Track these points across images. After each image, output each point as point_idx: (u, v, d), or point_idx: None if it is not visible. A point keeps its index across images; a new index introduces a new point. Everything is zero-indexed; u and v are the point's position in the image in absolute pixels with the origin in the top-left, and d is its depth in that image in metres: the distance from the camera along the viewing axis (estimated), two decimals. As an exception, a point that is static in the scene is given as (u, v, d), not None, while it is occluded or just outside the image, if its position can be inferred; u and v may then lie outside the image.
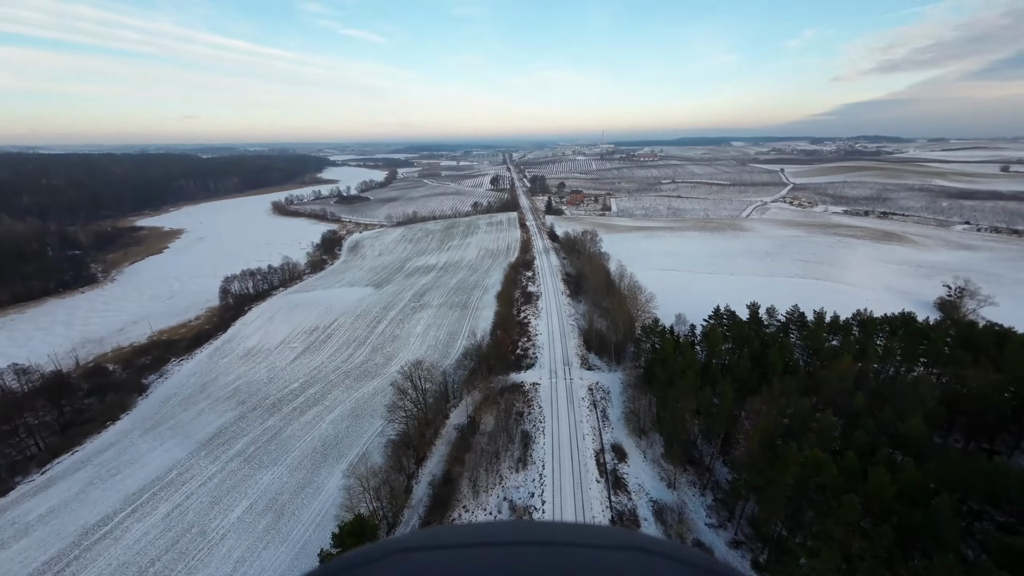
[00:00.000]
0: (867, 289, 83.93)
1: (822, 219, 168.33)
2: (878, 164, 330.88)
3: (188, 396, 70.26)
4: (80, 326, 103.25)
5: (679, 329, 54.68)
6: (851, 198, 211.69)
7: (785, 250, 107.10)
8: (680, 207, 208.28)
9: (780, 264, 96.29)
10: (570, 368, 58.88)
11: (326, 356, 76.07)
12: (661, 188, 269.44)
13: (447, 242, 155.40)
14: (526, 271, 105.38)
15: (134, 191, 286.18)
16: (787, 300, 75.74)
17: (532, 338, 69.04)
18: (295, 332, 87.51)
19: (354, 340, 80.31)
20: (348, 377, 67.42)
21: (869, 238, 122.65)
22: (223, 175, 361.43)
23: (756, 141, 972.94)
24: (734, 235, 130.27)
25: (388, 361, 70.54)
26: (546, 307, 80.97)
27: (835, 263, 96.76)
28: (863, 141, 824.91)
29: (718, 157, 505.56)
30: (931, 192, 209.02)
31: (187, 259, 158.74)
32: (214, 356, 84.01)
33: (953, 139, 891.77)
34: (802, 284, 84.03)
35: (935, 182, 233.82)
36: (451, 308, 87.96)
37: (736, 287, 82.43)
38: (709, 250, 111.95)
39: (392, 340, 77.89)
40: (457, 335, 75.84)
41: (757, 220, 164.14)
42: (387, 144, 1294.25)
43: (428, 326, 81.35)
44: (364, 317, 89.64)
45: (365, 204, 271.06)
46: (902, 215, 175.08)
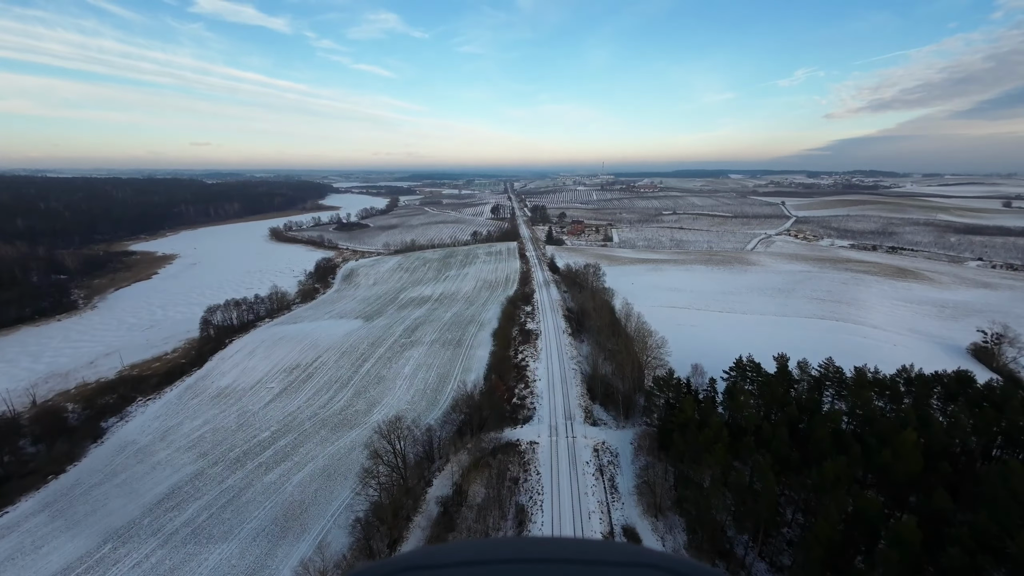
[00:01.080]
0: (892, 332, 77.91)
1: (829, 253, 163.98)
2: (879, 198, 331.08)
3: (147, 444, 63.10)
4: (49, 358, 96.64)
5: (696, 382, 48.39)
6: (856, 232, 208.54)
7: (798, 287, 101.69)
8: (683, 239, 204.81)
9: (795, 303, 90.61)
10: (572, 423, 52.16)
11: (304, 399, 69.26)
12: (663, 219, 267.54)
13: (444, 272, 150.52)
14: (525, 305, 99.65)
15: (133, 215, 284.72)
16: (809, 345, 69.80)
17: (530, 384, 62.52)
18: (274, 370, 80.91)
19: (336, 381, 73.67)
20: (324, 426, 60.48)
21: (883, 275, 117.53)
22: (224, 200, 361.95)
23: (753, 174, 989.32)
24: (742, 269, 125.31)
25: (370, 408, 63.72)
26: (546, 347, 74.74)
27: (853, 302, 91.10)
28: (859, 175, 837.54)
29: (718, 189, 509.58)
30: (937, 227, 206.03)
31: (175, 286, 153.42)
32: (184, 396, 77.12)
33: (947, 174, 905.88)
34: (821, 326, 78.03)
35: (940, 217, 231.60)
36: (444, 346, 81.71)
37: (751, 328, 76.48)
38: (718, 286, 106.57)
39: (377, 382, 71.26)
40: (448, 378, 69.29)
41: (763, 253, 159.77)
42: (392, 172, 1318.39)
43: (418, 366, 74.88)
44: (350, 354, 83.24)
45: (364, 231, 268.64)
46: (911, 250, 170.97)
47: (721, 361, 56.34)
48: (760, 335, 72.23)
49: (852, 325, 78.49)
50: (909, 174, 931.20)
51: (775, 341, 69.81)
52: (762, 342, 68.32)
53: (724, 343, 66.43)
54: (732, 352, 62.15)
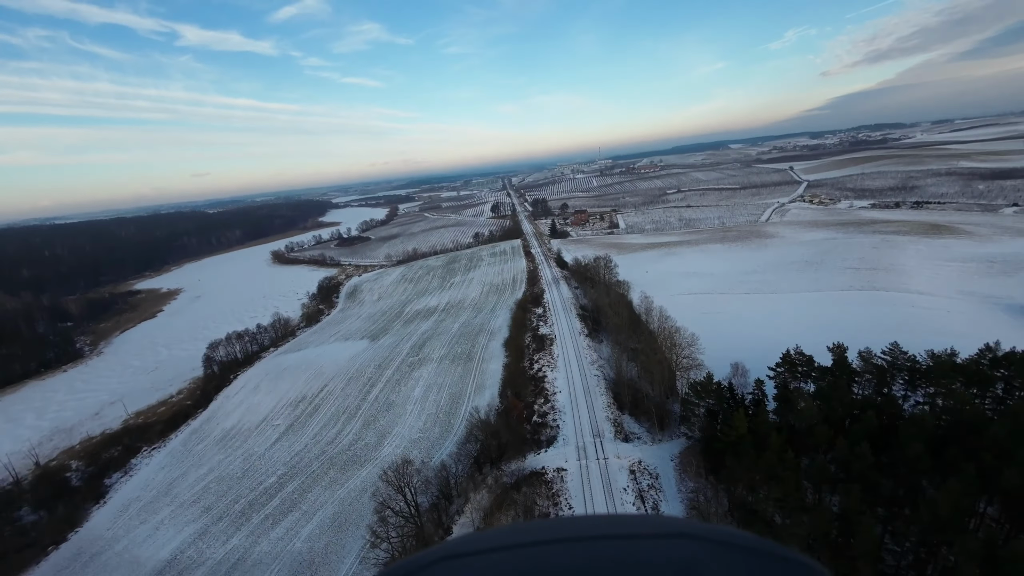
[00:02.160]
0: (941, 297, 70.76)
1: (850, 216, 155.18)
2: (891, 152, 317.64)
3: (151, 501, 59.30)
4: (53, 413, 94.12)
5: (738, 384, 42.52)
6: (875, 190, 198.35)
7: (827, 257, 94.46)
8: (692, 217, 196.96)
9: (828, 275, 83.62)
10: (602, 440, 46.67)
11: (311, 436, 64.86)
12: (668, 199, 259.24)
13: (449, 279, 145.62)
14: (535, 307, 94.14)
15: (136, 253, 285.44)
16: (852, 322, 63.20)
17: (550, 398, 57.12)
18: (279, 405, 76.81)
19: (344, 411, 69.17)
20: (333, 466, 55.91)
21: (915, 233, 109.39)
22: (225, 228, 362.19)
23: (754, 142, 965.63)
24: (761, 244, 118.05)
25: (381, 440, 58.99)
26: (563, 353, 69.25)
27: (890, 268, 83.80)
28: (864, 131, 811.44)
29: (720, 161, 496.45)
30: (961, 175, 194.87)
31: (180, 322, 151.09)
32: (189, 441, 73.44)
33: (958, 119, 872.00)
34: (861, 299, 71.18)
35: (962, 164, 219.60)
36: (454, 361, 76.71)
37: (785, 309, 69.97)
38: (738, 265, 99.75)
39: (387, 409, 66.54)
40: (461, 397, 64.25)
41: (780, 224, 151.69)
42: (389, 181, 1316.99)
43: (428, 387, 69.99)
44: (357, 380, 78.77)
45: (366, 244, 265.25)
46: (938, 203, 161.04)
47: (762, 354, 50.23)
48: (797, 316, 65.80)
49: (895, 294, 71.49)
50: (917, 123, 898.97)
51: (814, 322, 63.42)
52: (801, 325, 62.01)
53: (760, 331, 60.25)
54: (771, 341, 56.00)
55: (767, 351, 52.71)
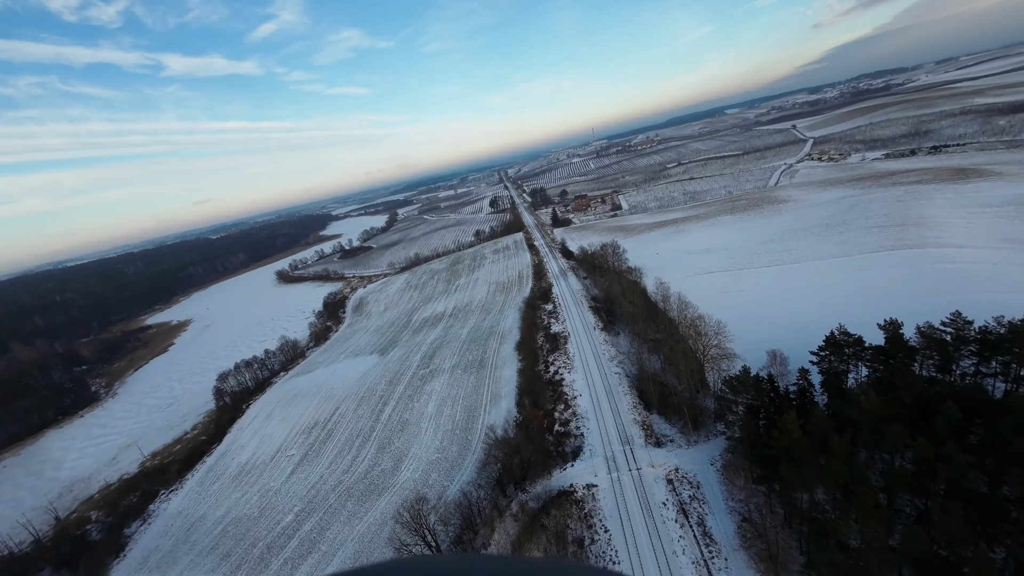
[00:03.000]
0: (982, 248, 65.13)
1: (865, 169, 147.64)
2: (897, 97, 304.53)
3: (170, 551, 57.28)
4: (72, 462, 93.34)
5: (778, 374, 38.26)
6: (886, 139, 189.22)
7: (848, 217, 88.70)
8: (697, 189, 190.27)
9: (853, 236, 78.15)
10: (632, 447, 42.88)
11: (326, 465, 62.18)
12: (669, 173, 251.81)
13: (454, 281, 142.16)
14: (545, 304, 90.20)
15: (145, 288, 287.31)
16: (888, 286, 58.17)
17: (571, 403, 53.40)
18: (292, 433, 74.40)
19: (358, 435, 66.37)
20: (351, 497, 53.08)
21: (940, 180, 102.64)
22: (229, 253, 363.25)
23: (751, 104, 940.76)
24: (774, 210, 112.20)
25: (397, 464, 55.99)
26: (579, 351, 65.35)
27: (920, 222, 77.98)
28: (865, 79, 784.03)
29: (718, 128, 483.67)
30: (978, 113, 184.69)
31: (191, 354, 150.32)
32: (205, 480, 71.47)
33: (963, 56, 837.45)
34: (894, 259, 65.85)
35: (976, 101, 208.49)
36: (466, 370, 73.36)
37: (813, 280, 65.01)
38: (753, 235, 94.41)
39: (401, 429, 63.52)
40: (477, 410, 60.88)
41: (791, 187, 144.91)
42: (386, 187, 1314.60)
43: (442, 401, 66.77)
44: (368, 399, 75.96)
45: (368, 253, 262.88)
46: (957, 145, 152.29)
47: (799, 334, 45.83)
48: (829, 286, 60.89)
49: (931, 250, 66.03)
50: (920, 65, 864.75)
51: (849, 291, 58.55)
52: (835, 296, 57.21)
53: (791, 306, 55.63)
54: (806, 318, 51.48)
55: (803, 329, 48.22)
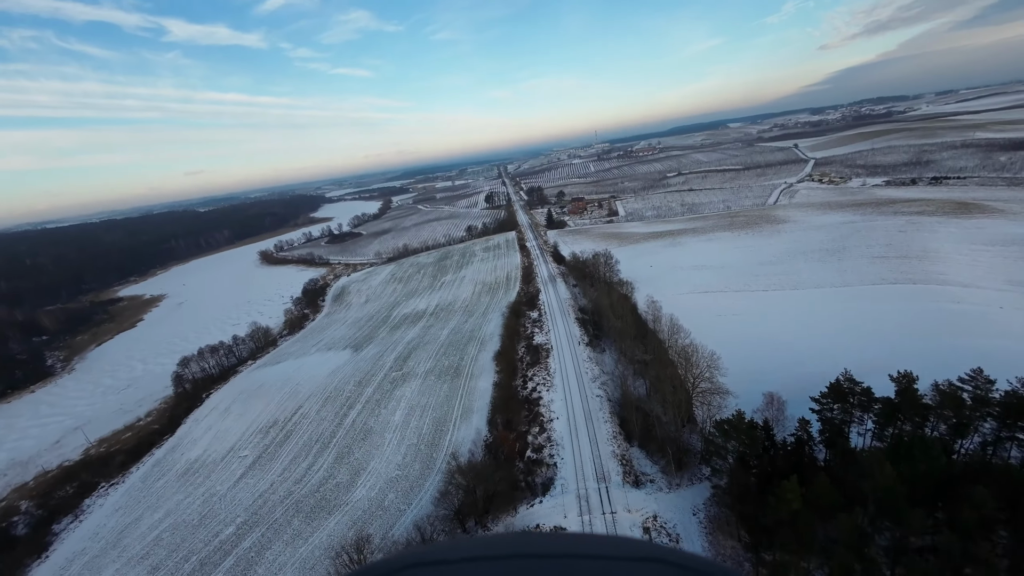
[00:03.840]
0: (988, 289, 62.37)
1: (865, 195, 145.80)
2: (899, 125, 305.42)
3: (97, 555, 52.19)
4: (13, 442, 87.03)
5: (775, 420, 34.55)
6: (887, 166, 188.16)
7: (849, 244, 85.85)
8: (695, 201, 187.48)
9: (853, 265, 75.17)
10: (608, 486, 38.94)
11: (278, 472, 57.42)
12: (668, 183, 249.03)
13: (440, 277, 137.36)
14: (530, 310, 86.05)
15: (122, 259, 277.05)
16: (890, 322, 54.99)
17: (547, 426, 49.33)
18: (249, 431, 69.38)
19: (317, 440, 61.66)
20: (299, 512, 48.48)
21: (942, 213, 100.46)
22: (214, 228, 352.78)
23: (754, 119, 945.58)
24: (773, 230, 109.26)
25: (354, 478, 51.49)
26: (560, 367, 61.31)
27: (923, 255, 75.27)
28: (868, 104, 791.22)
29: (720, 141, 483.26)
30: (978, 147, 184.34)
31: (159, 333, 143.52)
32: (150, 476, 66.23)
33: (963, 89, 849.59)
34: (897, 294, 62.81)
35: (977, 135, 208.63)
36: (440, 377, 68.97)
37: (811, 309, 61.69)
38: (751, 255, 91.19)
39: (363, 437, 58.98)
40: (446, 424, 56.57)
41: (790, 206, 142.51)
42: (383, 173, 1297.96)
43: (411, 409, 62.32)
44: (334, 400, 71.21)
45: (357, 240, 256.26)
46: (958, 178, 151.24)
47: (798, 371, 42.32)
48: (828, 318, 57.58)
49: (936, 287, 63.11)
50: (921, 95, 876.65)
51: (849, 325, 55.24)
52: (835, 330, 53.86)
53: (789, 338, 52.11)
54: (805, 353, 47.96)
55: (801, 365, 44.73)
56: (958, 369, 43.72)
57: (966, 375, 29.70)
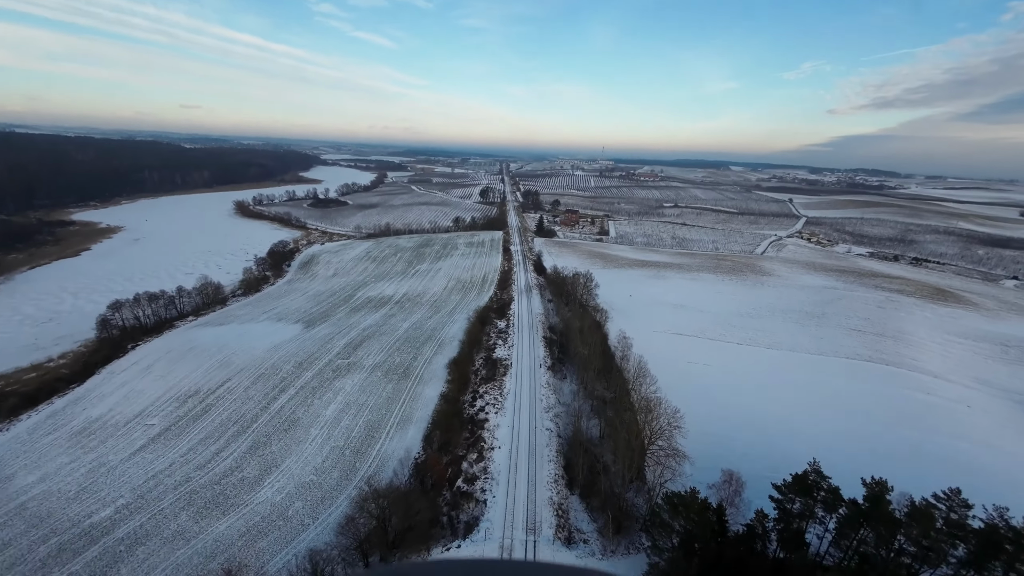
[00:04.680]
0: (956, 383, 61.32)
1: (849, 263, 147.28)
2: (889, 200, 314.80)
3: (-55, 514, 44.92)
4: None
5: (729, 501, 31.10)
6: (873, 238, 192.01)
7: (829, 310, 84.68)
8: (686, 236, 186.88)
9: (830, 334, 73.63)
10: (537, 539, 34.77)
11: (184, 450, 51.19)
12: (663, 213, 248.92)
13: (416, 264, 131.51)
14: (499, 319, 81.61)
15: (87, 180, 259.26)
16: (861, 404, 52.91)
17: (485, 454, 44.91)
18: (165, 397, 62.54)
19: (236, 421, 55.58)
20: (190, 506, 42.61)
21: (920, 296, 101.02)
22: (194, 167, 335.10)
23: (755, 167, 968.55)
24: (756, 281, 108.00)
25: (263, 475, 45.89)
26: (515, 388, 57.04)
27: (898, 336, 74.42)
28: (862, 174, 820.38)
29: (720, 181, 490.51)
30: (960, 237, 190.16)
31: (103, 267, 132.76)
32: (39, 429, 58.66)
33: (950, 177, 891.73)
34: (870, 373, 61.14)
35: (960, 225, 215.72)
36: (387, 375, 63.78)
37: (784, 375, 59.31)
38: (732, 303, 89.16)
39: (287, 429, 53.31)
40: (379, 431, 51.51)
41: (776, 260, 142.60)
42: (386, 146, 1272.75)
43: (346, 406, 56.95)
44: (268, 379, 65.07)
45: (341, 209, 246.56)
46: (937, 263, 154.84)
47: (761, 448, 39.12)
48: (800, 387, 55.14)
49: (908, 372, 61.71)
50: (912, 175, 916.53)
51: (820, 399, 52.87)
52: (806, 402, 51.33)
53: (757, 403, 49.19)
54: (773, 425, 45.00)
55: (764, 433, 41.73)
56: (925, 467, 41.45)
57: (942, 493, 26.80)
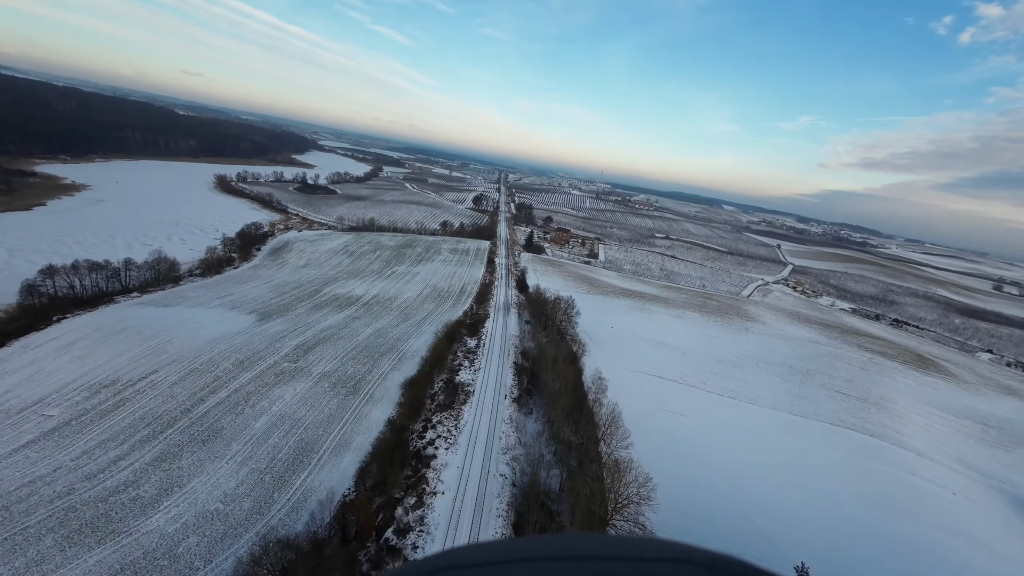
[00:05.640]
0: (941, 464, 58.05)
1: (833, 317, 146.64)
2: (872, 258, 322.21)
3: None
4: None
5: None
6: (856, 294, 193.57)
7: (812, 367, 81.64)
8: (674, 270, 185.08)
9: (813, 394, 70.13)
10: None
11: (77, 452, 43.75)
12: (655, 243, 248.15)
13: (393, 265, 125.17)
14: (470, 337, 75.95)
15: (62, 131, 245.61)
16: (839, 480, 48.83)
17: (425, 499, 38.90)
18: (75, 384, 54.73)
19: (149, 424, 48.31)
20: (62, 526, 35.43)
21: (903, 361, 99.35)
22: (181, 134, 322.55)
23: (746, 208, 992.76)
24: (742, 326, 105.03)
25: (160, 497, 38.90)
26: (473, 421, 51.28)
27: (882, 404, 71.42)
28: (847, 229, 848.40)
29: (712, 219, 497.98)
30: (938, 303, 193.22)
31: (55, 226, 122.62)
32: (-84, 406, 50.25)
33: (927, 242, 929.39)
34: (853, 444, 57.41)
35: (938, 291, 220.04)
36: (335, 387, 57.32)
37: (764, 435, 55.05)
38: (715, 347, 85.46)
39: (206, 440, 46.34)
40: (310, 455, 45.02)
41: (762, 305, 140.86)
42: (387, 140, 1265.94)
43: (279, 419, 50.27)
44: (200, 375, 57.88)
45: (328, 198, 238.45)
46: (916, 326, 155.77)
47: (740, 526, 34.24)
48: (779, 450, 50.89)
49: (892, 448, 58.19)
50: (892, 235, 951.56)
51: (798, 471, 48.56)
52: (785, 473, 46.87)
53: (735, 471, 44.47)
54: (751, 499, 40.23)
55: (744, 516, 36.81)
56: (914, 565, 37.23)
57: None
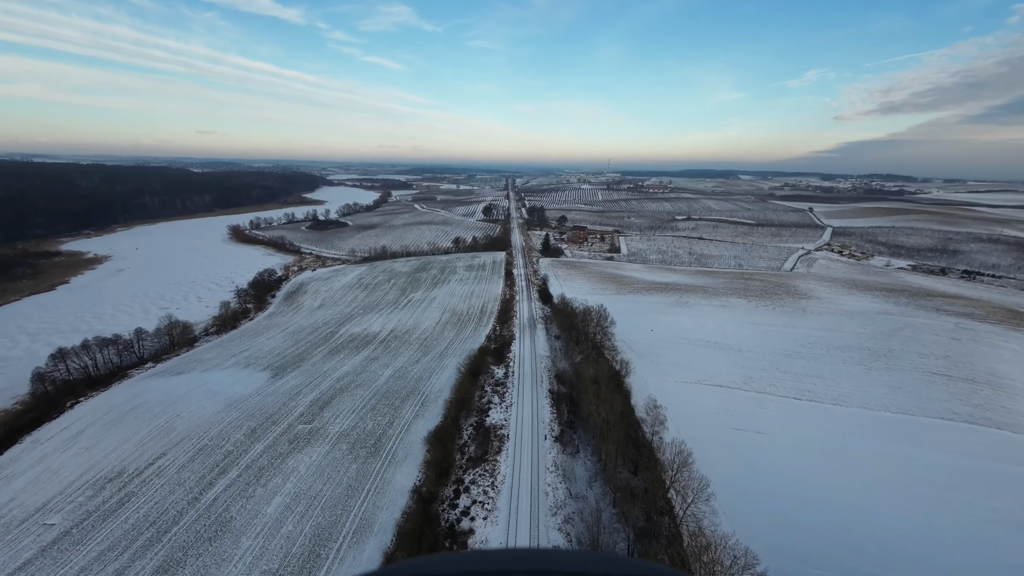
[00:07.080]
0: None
1: (892, 279, 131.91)
2: (916, 206, 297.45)
3: None
4: None
5: None
6: (911, 248, 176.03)
7: (894, 345, 70.17)
8: (704, 252, 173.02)
9: (907, 381, 59.05)
10: None
11: (74, 571, 38.69)
12: (677, 226, 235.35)
13: (409, 293, 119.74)
14: (496, 365, 68.70)
15: (85, 207, 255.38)
16: (975, 502, 38.54)
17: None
18: (80, 481, 50.45)
19: (153, 523, 43.07)
20: None
21: (993, 320, 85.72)
22: (196, 191, 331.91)
23: (764, 175, 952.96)
24: (796, 307, 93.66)
25: (158, 624, 33.02)
26: (512, 475, 43.75)
27: (995, 381, 59.58)
28: (877, 180, 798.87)
29: (731, 191, 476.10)
30: (1009, 245, 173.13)
31: (75, 303, 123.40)
32: (-81, 527, 46.84)
33: (970, 180, 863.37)
34: (978, 445, 46.51)
35: (1003, 231, 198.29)
36: (353, 448, 51.04)
37: (867, 449, 45.02)
38: (774, 338, 75.08)
39: (213, 535, 40.61)
40: (329, 542, 38.51)
41: (811, 278, 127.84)
42: (393, 165, 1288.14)
43: (294, 499, 44.14)
44: (209, 453, 52.77)
45: (339, 231, 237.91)
46: (992, 275, 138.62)
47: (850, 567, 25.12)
48: (896, 473, 40.80)
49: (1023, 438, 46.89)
50: (929, 179, 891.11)
51: (927, 492, 38.52)
52: (912, 498, 36.98)
53: (848, 508, 35.03)
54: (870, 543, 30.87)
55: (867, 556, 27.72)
56: None
57: None
